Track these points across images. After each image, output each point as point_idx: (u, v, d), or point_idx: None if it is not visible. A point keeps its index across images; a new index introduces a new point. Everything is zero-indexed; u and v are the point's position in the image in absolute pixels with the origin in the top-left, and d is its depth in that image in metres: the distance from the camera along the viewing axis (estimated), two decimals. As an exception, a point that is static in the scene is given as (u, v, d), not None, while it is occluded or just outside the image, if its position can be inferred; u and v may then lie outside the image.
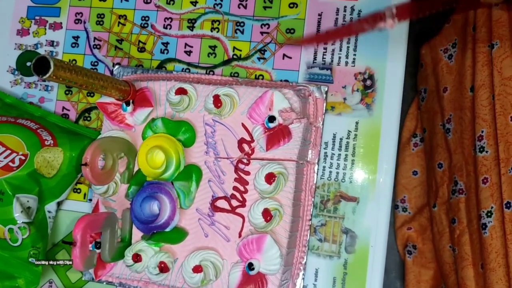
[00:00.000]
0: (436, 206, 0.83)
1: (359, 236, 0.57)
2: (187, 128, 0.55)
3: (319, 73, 0.59)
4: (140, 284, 0.58)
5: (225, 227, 0.55)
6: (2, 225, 0.59)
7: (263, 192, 0.53)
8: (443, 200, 0.82)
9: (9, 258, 0.60)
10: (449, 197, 0.80)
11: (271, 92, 0.53)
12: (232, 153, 0.56)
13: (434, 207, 0.84)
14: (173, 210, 0.54)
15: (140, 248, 0.55)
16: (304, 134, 0.54)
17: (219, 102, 0.54)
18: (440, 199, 0.83)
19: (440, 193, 0.82)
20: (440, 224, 0.82)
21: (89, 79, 0.47)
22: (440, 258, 0.82)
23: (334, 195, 0.58)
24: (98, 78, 0.48)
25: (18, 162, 0.59)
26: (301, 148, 0.54)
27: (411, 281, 0.91)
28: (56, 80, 0.43)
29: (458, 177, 0.77)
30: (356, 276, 0.56)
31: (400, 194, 0.95)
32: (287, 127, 0.54)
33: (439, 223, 0.83)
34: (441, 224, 0.82)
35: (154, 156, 0.54)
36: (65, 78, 0.44)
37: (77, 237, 0.49)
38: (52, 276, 0.64)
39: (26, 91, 0.68)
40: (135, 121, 0.57)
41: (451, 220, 0.79)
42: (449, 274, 0.79)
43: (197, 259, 0.53)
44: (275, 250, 0.52)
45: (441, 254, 0.82)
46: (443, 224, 0.82)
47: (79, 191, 0.65)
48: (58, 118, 0.65)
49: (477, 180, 0.69)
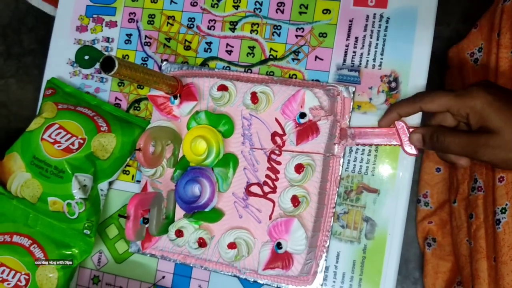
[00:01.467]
0: (456, 202, 0.88)
1: (378, 224, 0.62)
2: (226, 121, 0.62)
3: (348, 74, 0.65)
4: (179, 258, 0.65)
5: (257, 210, 0.62)
6: (62, 199, 0.66)
7: (292, 180, 0.59)
8: (463, 196, 0.86)
9: (66, 229, 0.68)
10: (468, 194, 0.84)
11: (303, 91, 0.59)
12: (266, 145, 0.62)
13: (454, 203, 0.88)
14: (212, 193, 0.61)
15: (182, 225, 0.62)
16: (330, 130, 0.60)
17: (256, 99, 0.60)
18: (460, 195, 0.87)
19: (461, 189, 0.86)
20: (459, 218, 0.86)
21: (145, 75, 0.54)
22: (457, 250, 0.86)
23: (357, 186, 0.64)
24: (152, 75, 0.55)
25: (77, 145, 0.67)
26: (327, 142, 0.60)
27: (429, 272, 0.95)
28: (119, 76, 0.50)
29: (478, 175, 0.80)
30: (374, 260, 0.62)
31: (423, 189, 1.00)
32: (316, 123, 0.60)
33: (458, 218, 0.87)
34: (460, 219, 0.86)
35: (197, 145, 0.61)
36: (126, 75, 0.51)
37: (131, 212, 0.57)
38: (102, 247, 0.72)
39: (83, 82, 0.76)
40: (181, 113, 0.64)
41: (469, 216, 0.83)
42: (464, 266, 0.84)
43: (231, 237, 0.60)
44: (301, 232, 0.58)
45: (459, 247, 0.86)
46: (462, 219, 0.86)
47: (128, 173, 0.72)
48: (111, 107, 0.73)
49: (494, 178, 0.73)
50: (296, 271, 0.59)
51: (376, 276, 0.62)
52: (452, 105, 0.54)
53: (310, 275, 0.62)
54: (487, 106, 0.51)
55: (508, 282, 0.68)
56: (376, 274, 0.62)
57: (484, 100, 0.52)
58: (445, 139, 0.54)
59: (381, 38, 0.64)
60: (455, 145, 0.54)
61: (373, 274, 0.62)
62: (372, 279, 0.62)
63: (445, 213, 0.95)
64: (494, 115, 0.51)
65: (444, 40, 0.96)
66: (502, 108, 0.51)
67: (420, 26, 0.63)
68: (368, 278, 0.62)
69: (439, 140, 0.55)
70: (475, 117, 0.53)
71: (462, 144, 0.53)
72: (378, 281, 0.62)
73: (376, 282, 0.62)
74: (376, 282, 0.62)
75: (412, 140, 0.59)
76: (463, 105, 0.53)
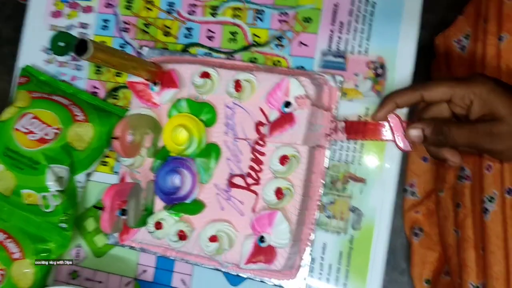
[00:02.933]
0: (443, 191, 0.87)
1: (365, 214, 0.61)
2: (209, 110, 0.60)
3: (333, 60, 0.63)
4: (159, 250, 0.63)
5: (240, 202, 0.60)
6: (37, 192, 0.64)
7: (276, 172, 0.57)
8: (450, 185, 0.85)
9: (41, 222, 0.65)
10: (455, 183, 0.83)
11: (288, 79, 0.57)
12: (250, 135, 0.60)
13: (441, 192, 0.87)
14: (193, 184, 0.59)
15: (162, 217, 0.60)
16: (310, 119, 0.57)
17: (240, 87, 0.58)
18: (447, 184, 0.86)
19: (447, 178, 0.86)
20: (446, 208, 0.85)
21: (123, 60, 0.51)
22: (444, 241, 0.86)
23: (343, 175, 0.62)
24: (130, 60, 0.53)
25: (53, 135, 0.64)
26: (306, 133, 0.57)
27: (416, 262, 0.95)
28: (94, 60, 0.48)
29: (465, 164, 0.79)
30: (361, 251, 0.61)
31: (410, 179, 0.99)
32: (291, 113, 0.57)
33: (445, 207, 0.86)
34: (446, 208, 0.86)
35: (178, 134, 0.58)
36: (102, 59, 0.48)
37: (107, 203, 0.54)
38: (80, 241, 0.70)
39: (59, 70, 0.73)
40: (161, 100, 0.62)
41: (456, 205, 0.82)
42: (452, 256, 0.83)
43: (213, 229, 0.58)
44: (284, 225, 0.56)
45: (446, 237, 0.85)
46: (449, 209, 0.85)
47: (106, 164, 0.70)
48: (88, 95, 0.70)
49: (481, 167, 0.72)
50: (279, 265, 0.57)
51: (364, 267, 0.60)
52: (456, 92, 0.52)
53: (294, 269, 0.60)
54: (492, 92, 0.50)
55: (496, 271, 0.67)
56: (363, 265, 0.60)
57: (490, 87, 0.50)
58: (450, 132, 0.52)
59: (367, 23, 0.62)
60: (461, 137, 0.51)
61: (360, 265, 0.60)
62: (360, 270, 0.60)
63: (432, 202, 0.94)
64: (500, 101, 0.50)
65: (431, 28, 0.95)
66: (506, 95, 0.50)
67: (407, 11, 0.61)
68: (355, 269, 0.61)
69: (444, 134, 0.52)
70: (479, 104, 0.51)
71: (468, 135, 0.51)
72: (365, 272, 0.60)
73: (363, 273, 0.60)
74: (363, 273, 0.60)
75: (410, 136, 0.55)
76: (468, 91, 0.51)
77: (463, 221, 0.79)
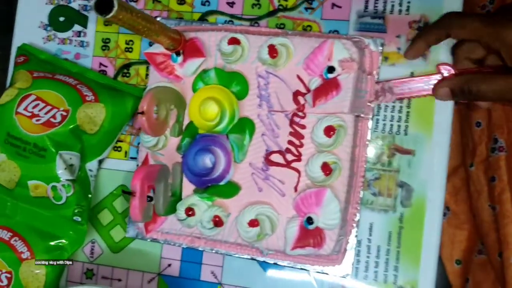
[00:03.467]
0: (473, 166, 0.82)
1: (415, 189, 0.55)
2: (239, 80, 0.53)
3: (371, 22, 0.57)
4: (186, 241, 0.56)
5: (280, 181, 0.53)
6: (45, 182, 0.57)
7: (321, 145, 0.52)
8: (481, 158, 0.81)
9: (51, 217, 0.59)
10: (487, 155, 0.78)
11: (331, 41, 0.51)
12: (287, 106, 0.54)
13: (471, 167, 0.82)
14: (228, 163, 0.52)
15: (193, 202, 0.53)
16: (355, 85, 0.52)
17: (275, 52, 0.51)
18: (477, 158, 0.81)
19: (478, 152, 0.81)
20: (478, 183, 0.81)
21: (147, 23, 0.44)
22: (478, 217, 0.81)
23: (388, 148, 0.56)
24: (154, 23, 0.46)
25: (60, 118, 0.57)
26: (353, 100, 0.52)
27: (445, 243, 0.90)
28: (117, 21, 0.41)
29: (498, 134, 0.75)
30: (412, 230, 0.55)
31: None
32: (335, 79, 0.52)
33: (477, 182, 0.81)
34: (479, 183, 0.81)
35: (208, 108, 0.52)
36: (125, 20, 0.41)
37: (137, 187, 0.48)
38: (95, 236, 0.63)
39: (60, 47, 0.65)
40: (185, 73, 0.55)
41: (490, 179, 0.77)
42: (488, 232, 0.78)
43: (253, 213, 0.52)
44: (334, 204, 0.50)
45: (479, 213, 0.80)
46: (481, 183, 0.80)
47: (119, 149, 0.63)
48: (96, 74, 0.63)
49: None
50: (328, 249, 0.51)
51: (416, 248, 0.55)
52: (483, 35, 0.49)
53: (340, 253, 0.54)
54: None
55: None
56: (416, 245, 0.55)
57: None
58: (479, 88, 0.49)
59: (406, -21, 0.56)
60: (491, 92, 0.49)
61: (412, 245, 0.55)
62: (412, 251, 0.55)
63: (458, 179, 0.89)
64: None
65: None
66: None
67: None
68: (407, 250, 0.55)
69: (472, 91, 0.50)
70: (507, 53, 0.48)
71: (498, 90, 0.48)
72: (419, 252, 0.55)
73: (416, 254, 0.55)
74: (417, 254, 0.55)
75: (439, 94, 0.53)
76: (494, 36, 0.48)
77: (500, 195, 0.74)
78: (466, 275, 0.86)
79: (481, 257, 0.85)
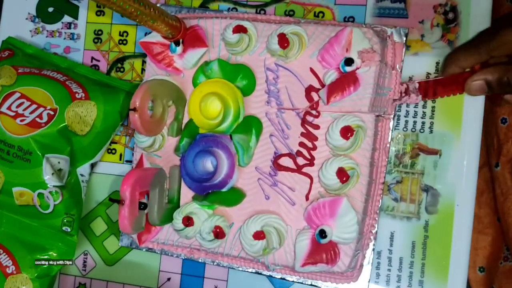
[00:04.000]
0: (499, 166, 0.76)
1: (442, 194, 0.50)
2: (246, 73, 0.48)
3: (391, 7, 0.51)
4: (184, 252, 0.51)
5: (290, 188, 0.48)
6: (31, 189, 0.52)
7: (337, 148, 0.46)
8: (508, 158, 0.75)
9: (38, 227, 0.55)
10: (515, 155, 0.73)
11: (350, 29, 0.45)
12: (298, 104, 0.48)
13: (497, 167, 0.76)
14: (231, 167, 0.47)
15: (192, 211, 0.48)
16: (376, 80, 0.46)
17: (286, 42, 0.46)
18: (504, 157, 0.75)
19: (504, 150, 0.75)
20: (505, 184, 0.75)
21: (140, 6, 0.39)
22: (504, 221, 0.75)
23: (411, 147, 0.50)
24: (150, 7, 0.40)
25: (47, 117, 0.52)
26: (374, 97, 0.46)
27: (467, 248, 0.84)
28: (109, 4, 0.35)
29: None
30: (439, 239, 0.49)
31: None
32: (354, 73, 0.45)
33: (503, 184, 0.75)
34: (505, 185, 0.75)
35: (209, 105, 0.47)
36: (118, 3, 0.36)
37: (126, 194, 0.42)
38: (87, 247, 0.58)
39: (48, 41, 0.60)
40: (184, 65, 0.49)
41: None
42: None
43: (258, 224, 0.46)
44: (351, 215, 0.45)
45: (506, 217, 0.75)
46: (508, 185, 0.75)
47: (114, 152, 0.58)
48: (87, 69, 0.58)
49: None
50: (343, 266, 0.46)
51: (444, 260, 0.49)
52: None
53: (356, 269, 0.48)
54: None
55: None
56: (443, 257, 0.49)
57: None
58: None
59: (429, -42, 0.51)
60: None
61: (439, 257, 0.49)
62: (439, 264, 0.49)
63: (481, 180, 0.83)
64: None
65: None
66: None
67: None
68: (433, 262, 0.49)
69: None
70: None
71: None
72: (447, 265, 0.49)
73: (443, 267, 0.49)
74: (444, 266, 0.49)
75: (472, 89, 0.48)
76: None
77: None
78: (490, 284, 0.80)
79: (507, 264, 0.79)
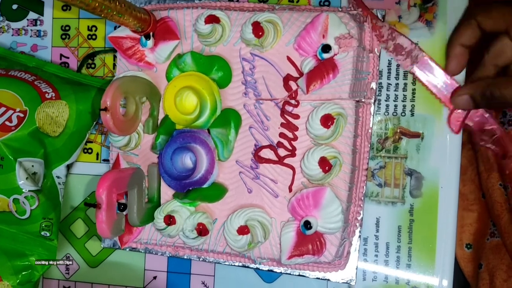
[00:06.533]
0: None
1: (425, 177, 0.49)
2: (221, 65, 0.47)
3: (367, -12, 0.50)
4: (169, 250, 0.50)
5: (272, 180, 0.47)
6: (6, 196, 0.51)
7: (318, 138, 0.45)
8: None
9: (16, 233, 0.53)
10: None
11: (326, 15, 0.44)
12: (277, 94, 0.47)
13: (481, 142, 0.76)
14: (211, 163, 0.46)
15: (173, 209, 0.47)
16: (355, 65, 0.45)
17: (260, 30, 0.44)
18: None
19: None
20: (487, 161, 0.75)
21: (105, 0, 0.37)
22: (488, 197, 0.76)
23: (393, 132, 0.50)
24: (115, 1, 0.38)
25: (16, 120, 0.50)
26: (353, 83, 0.45)
27: (453, 226, 0.85)
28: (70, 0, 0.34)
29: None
30: (425, 223, 0.49)
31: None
32: (332, 59, 0.44)
33: (486, 161, 0.75)
34: (488, 162, 0.75)
35: (185, 99, 0.45)
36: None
37: (102, 198, 0.41)
38: (69, 250, 0.56)
39: (14, 39, 0.58)
40: (157, 59, 0.48)
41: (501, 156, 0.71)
42: (501, 213, 0.73)
43: (242, 218, 0.46)
44: (336, 205, 0.44)
45: (490, 193, 0.75)
46: (491, 162, 0.75)
47: (90, 151, 0.56)
48: (57, 67, 0.56)
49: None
50: (329, 255, 0.45)
51: (430, 242, 0.49)
52: None
53: (343, 257, 0.47)
54: None
55: None
56: (429, 239, 0.49)
57: None
58: (502, 92, 0.45)
59: None
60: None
61: (425, 240, 0.49)
62: (426, 246, 0.49)
63: (464, 157, 0.84)
64: None
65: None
66: None
67: None
68: (419, 246, 0.49)
69: (495, 95, 0.45)
70: None
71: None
72: (434, 247, 0.49)
73: (430, 249, 0.49)
74: (431, 249, 0.49)
75: (458, 104, 0.48)
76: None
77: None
78: (478, 260, 0.80)
79: (494, 240, 0.79)
